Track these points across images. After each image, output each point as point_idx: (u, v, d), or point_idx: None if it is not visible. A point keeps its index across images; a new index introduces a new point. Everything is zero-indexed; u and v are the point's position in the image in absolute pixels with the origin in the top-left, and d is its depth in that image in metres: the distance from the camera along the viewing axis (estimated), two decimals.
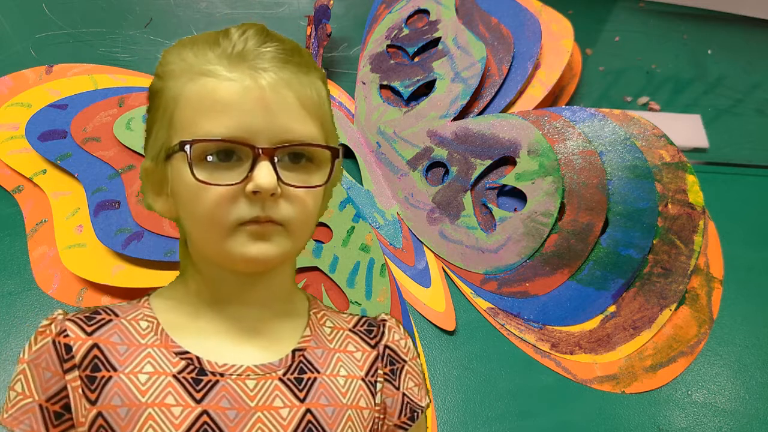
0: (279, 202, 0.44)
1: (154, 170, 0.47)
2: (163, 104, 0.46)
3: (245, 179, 0.42)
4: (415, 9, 1.03)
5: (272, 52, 0.45)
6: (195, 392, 0.43)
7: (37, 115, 0.82)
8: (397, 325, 0.55)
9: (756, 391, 0.80)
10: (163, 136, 0.46)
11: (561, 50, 0.97)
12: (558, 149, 0.83)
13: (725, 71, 1.18)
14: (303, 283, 0.78)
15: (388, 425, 0.51)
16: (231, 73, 0.44)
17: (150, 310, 0.47)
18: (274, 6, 1.11)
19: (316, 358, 0.48)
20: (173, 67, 0.45)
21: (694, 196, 0.81)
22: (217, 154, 0.43)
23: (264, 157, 0.43)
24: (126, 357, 0.43)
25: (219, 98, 0.43)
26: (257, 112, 0.43)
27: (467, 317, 0.82)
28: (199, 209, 0.43)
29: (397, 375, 0.52)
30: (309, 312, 0.52)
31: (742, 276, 0.88)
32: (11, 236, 0.79)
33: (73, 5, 1.03)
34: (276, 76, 0.44)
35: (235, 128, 0.43)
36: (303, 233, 0.47)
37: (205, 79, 0.44)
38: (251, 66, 0.44)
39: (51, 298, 0.74)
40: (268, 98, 0.43)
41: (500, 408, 0.75)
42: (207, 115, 0.43)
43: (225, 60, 0.44)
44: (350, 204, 0.85)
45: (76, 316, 0.45)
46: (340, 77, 1.03)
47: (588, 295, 0.80)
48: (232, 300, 0.48)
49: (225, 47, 0.45)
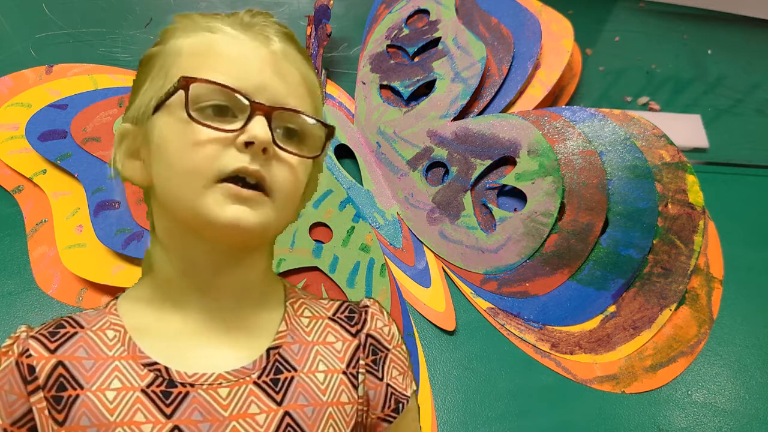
0: (270, 163, 0.42)
1: (132, 131, 0.45)
2: (159, 62, 0.44)
3: (240, 130, 0.41)
4: (415, 9, 1.03)
5: (280, 29, 0.46)
6: (165, 406, 0.41)
7: (37, 115, 0.82)
8: (381, 311, 0.52)
9: (756, 391, 0.80)
10: (155, 89, 0.44)
11: (561, 50, 0.97)
12: (558, 149, 0.83)
13: (725, 71, 1.18)
14: (303, 283, 0.78)
15: (372, 418, 0.49)
16: (240, 34, 0.43)
17: (117, 317, 0.45)
18: (274, 6, 1.11)
19: (292, 354, 0.46)
20: (178, 25, 0.45)
21: (694, 196, 0.81)
22: (212, 107, 0.41)
23: (261, 113, 0.41)
24: (92, 373, 0.41)
25: (225, 51, 0.42)
26: (264, 72, 0.42)
27: (467, 317, 0.82)
28: (184, 154, 0.41)
29: (380, 365, 0.50)
30: (285, 303, 0.50)
31: (742, 276, 0.88)
32: (11, 236, 0.79)
33: (73, 5, 1.03)
34: (284, 48, 0.44)
35: (238, 81, 0.41)
36: (287, 206, 0.45)
37: (212, 35, 0.43)
38: (261, 32, 0.44)
39: (51, 298, 0.74)
40: (278, 63, 0.43)
41: (500, 408, 0.75)
42: (210, 65, 0.42)
43: (235, 24, 0.44)
44: (350, 204, 0.85)
45: (39, 333, 0.43)
46: (340, 77, 1.03)
47: (588, 295, 0.80)
48: (204, 287, 0.45)
49: (234, 18, 0.45)
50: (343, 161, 0.93)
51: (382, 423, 0.49)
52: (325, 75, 1.01)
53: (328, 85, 1.01)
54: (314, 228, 0.82)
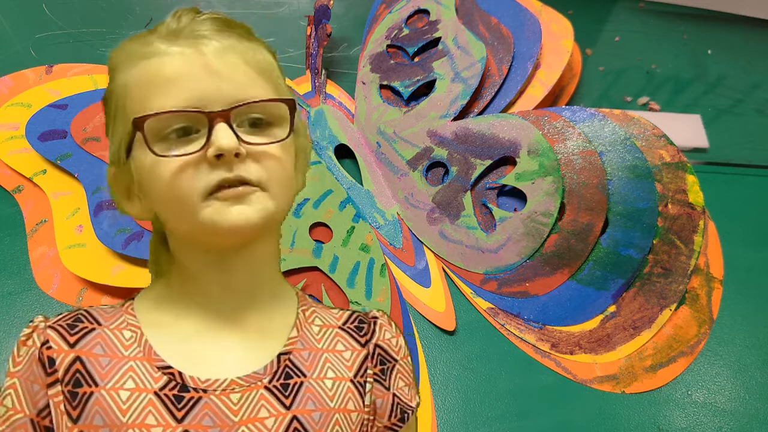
0: (247, 163, 0.42)
1: (118, 174, 0.46)
2: (114, 103, 0.45)
3: (204, 146, 0.41)
4: (415, 9, 1.03)
5: (210, 23, 0.44)
6: (176, 411, 0.41)
7: (37, 115, 0.82)
8: (389, 323, 0.53)
9: (756, 391, 0.80)
10: (120, 133, 0.44)
11: (561, 50, 0.97)
12: (558, 149, 0.83)
13: (725, 71, 1.18)
14: (303, 283, 0.78)
15: (378, 427, 0.50)
16: (171, 48, 0.43)
17: (134, 317, 0.45)
18: (274, 6, 1.11)
19: (302, 361, 0.47)
20: (116, 61, 0.45)
21: (694, 196, 0.81)
22: (175, 132, 0.41)
23: (219, 120, 0.41)
24: (108, 371, 0.42)
25: (163, 73, 0.42)
26: (204, 79, 0.42)
27: (467, 317, 0.82)
28: (165, 187, 0.41)
29: (388, 375, 0.51)
30: (297, 310, 0.50)
31: (742, 276, 0.88)
32: (11, 236, 0.79)
33: (73, 5, 1.03)
34: (218, 43, 0.43)
35: (186, 99, 0.41)
36: (281, 192, 0.44)
37: (148, 61, 0.43)
38: (191, 36, 0.43)
39: (51, 298, 0.74)
40: (213, 64, 0.42)
41: (500, 408, 0.75)
42: (156, 93, 0.42)
43: (164, 38, 0.43)
44: (350, 204, 0.85)
45: (58, 324, 0.43)
46: (340, 77, 1.03)
47: (588, 295, 0.80)
48: (215, 289, 0.46)
49: (161, 30, 0.44)
50: (343, 161, 0.93)
51: None
52: (325, 75, 1.01)
53: (328, 85, 1.01)
54: (314, 228, 0.82)
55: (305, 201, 0.83)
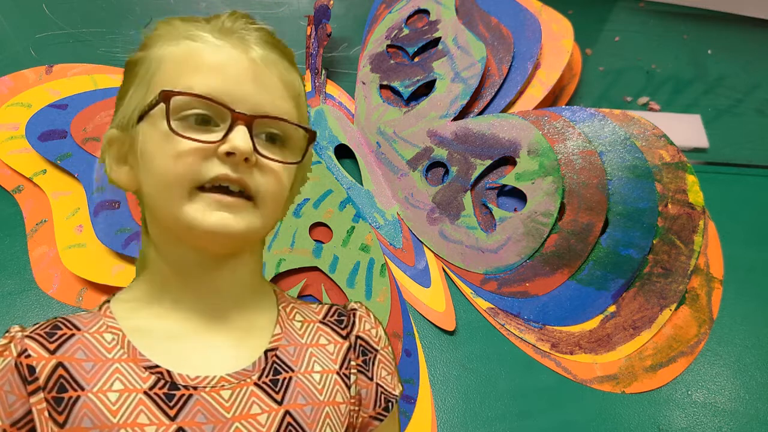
0: (252, 171, 0.43)
1: (119, 138, 0.46)
2: (143, 69, 0.45)
3: (221, 141, 0.41)
4: (415, 9, 1.03)
5: (260, 34, 0.46)
6: (168, 408, 0.41)
7: (37, 115, 0.82)
8: (368, 314, 0.54)
9: (756, 391, 0.80)
10: (139, 98, 0.45)
11: (561, 50, 0.97)
12: (558, 149, 0.83)
13: (725, 71, 1.18)
14: (303, 283, 0.78)
15: (363, 417, 0.50)
16: (219, 41, 0.44)
17: (113, 320, 0.45)
18: (274, 6, 1.11)
19: (288, 356, 0.47)
20: (160, 32, 0.45)
21: (694, 196, 0.81)
22: (194, 117, 0.42)
23: (241, 122, 0.42)
24: (93, 374, 0.41)
25: (205, 60, 0.43)
26: (244, 81, 0.43)
27: (467, 317, 0.82)
28: (167, 166, 0.41)
29: (370, 365, 0.51)
30: (278, 307, 0.51)
31: (742, 276, 0.88)
32: (11, 236, 0.79)
33: (73, 5, 1.03)
34: (264, 53, 0.44)
35: (217, 90, 0.42)
36: (272, 211, 0.45)
37: (193, 43, 0.43)
38: (241, 39, 0.44)
39: (51, 298, 0.74)
40: (254, 70, 0.43)
41: (500, 408, 0.75)
42: (190, 74, 0.42)
43: (215, 31, 0.44)
44: (350, 204, 0.85)
45: (35, 333, 0.43)
46: (340, 77, 1.03)
47: (588, 295, 0.80)
48: (198, 288, 0.46)
49: (214, 23, 0.45)
50: (343, 161, 0.93)
51: (373, 421, 0.51)
52: (325, 75, 1.01)
53: (328, 85, 1.01)
54: (314, 228, 0.82)
55: (305, 201, 0.83)
